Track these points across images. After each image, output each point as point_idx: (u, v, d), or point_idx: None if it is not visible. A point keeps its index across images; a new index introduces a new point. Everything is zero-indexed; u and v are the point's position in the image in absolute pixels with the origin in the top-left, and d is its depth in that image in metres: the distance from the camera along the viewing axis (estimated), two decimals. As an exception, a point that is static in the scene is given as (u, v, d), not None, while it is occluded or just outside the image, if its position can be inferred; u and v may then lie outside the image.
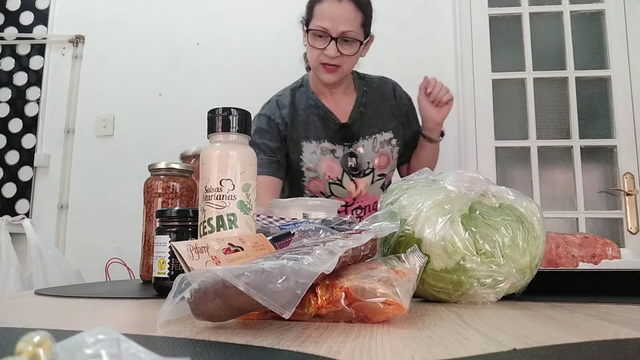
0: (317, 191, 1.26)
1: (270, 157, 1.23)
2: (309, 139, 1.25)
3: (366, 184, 1.27)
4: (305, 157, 1.25)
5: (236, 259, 0.45)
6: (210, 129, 0.55)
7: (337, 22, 1.16)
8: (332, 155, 1.25)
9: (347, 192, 1.26)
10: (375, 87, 1.36)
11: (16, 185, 2.25)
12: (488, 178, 0.58)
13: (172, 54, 2.26)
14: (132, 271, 1.73)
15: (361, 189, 1.26)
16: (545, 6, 2.18)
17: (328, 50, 1.17)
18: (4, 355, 0.24)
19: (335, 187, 1.25)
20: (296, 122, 1.26)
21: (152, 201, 0.80)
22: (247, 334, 0.32)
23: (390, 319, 0.38)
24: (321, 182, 1.25)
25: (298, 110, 1.28)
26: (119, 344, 0.17)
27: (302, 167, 1.25)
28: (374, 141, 1.28)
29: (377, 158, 1.28)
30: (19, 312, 0.45)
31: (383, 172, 1.29)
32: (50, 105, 2.30)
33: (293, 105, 1.29)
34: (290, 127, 1.26)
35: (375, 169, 1.28)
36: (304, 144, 1.25)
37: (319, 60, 1.20)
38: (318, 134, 1.26)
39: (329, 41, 1.17)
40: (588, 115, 2.10)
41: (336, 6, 1.16)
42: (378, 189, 1.30)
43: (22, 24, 2.37)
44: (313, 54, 1.21)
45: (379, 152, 1.28)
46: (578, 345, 0.29)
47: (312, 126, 1.26)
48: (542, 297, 0.56)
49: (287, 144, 1.26)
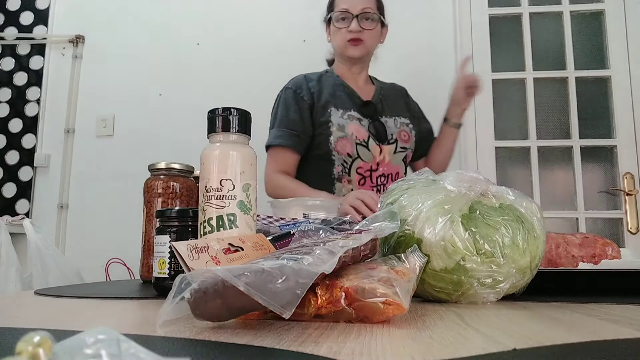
0: (345, 152, 1.33)
1: (290, 130, 1.34)
2: (337, 107, 1.37)
3: (390, 151, 1.38)
4: (333, 119, 1.35)
5: (236, 259, 0.45)
6: (210, 128, 0.55)
7: (356, 3, 1.36)
8: (358, 122, 1.37)
9: (371, 155, 1.35)
10: (390, 86, 1.53)
11: (16, 185, 2.25)
12: (488, 178, 0.58)
13: (172, 54, 2.26)
14: (132, 271, 1.73)
15: (384, 155, 1.36)
16: (545, 6, 2.18)
17: (352, 26, 1.35)
18: (4, 355, 0.24)
19: (361, 149, 1.34)
20: (323, 94, 1.39)
21: (152, 201, 0.80)
22: (247, 334, 0.32)
23: (390, 319, 0.38)
24: (349, 141, 1.33)
25: (325, 85, 1.41)
26: (119, 344, 0.17)
27: (331, 127, 1.34)
28: (394, 120, 1.42)
29: (399, 132, 1.41)
30: (19, 312, 0.45)
31: (405, 145, 1.41)
32: (50, 105, 2.30)
33: (320, 82, 1.42)
34: (317, 97, 1.38)
35: (398, 140, 1.40)
36: (332, 109, 1.36)
37: (345, 38, 1.37)
38: (345, 104, 1.38)
39: (351, 19, 1.36)
40: (588, 115, 2.10)
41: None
42: (400, 161, 1.41)
43: (22, 24, 2.37)
44: (339, 35, 1.39)
45: (400, 129, 1.42)
46: (578, 345, 0.29)
47: (339, 99, 1.38)
48: (542, 297, 0.56)
49: (315, 111, 1.36)
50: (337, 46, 1.42)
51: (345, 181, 1.34)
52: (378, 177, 1.36)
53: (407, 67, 2.13)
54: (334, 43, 1.43)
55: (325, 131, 1.34)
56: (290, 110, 1.35)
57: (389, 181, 1.36)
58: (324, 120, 1.34)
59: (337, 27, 1.38)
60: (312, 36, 2.19)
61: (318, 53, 2.15)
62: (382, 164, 1.36)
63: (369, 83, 1.48)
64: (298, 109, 1.35)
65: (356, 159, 1.33)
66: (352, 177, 1.34)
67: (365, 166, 1.34)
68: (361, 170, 1.34)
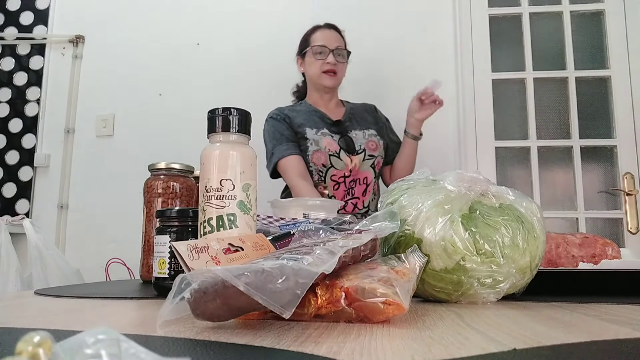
0: (320, 163, 1.54)
1: (290, 142, 1.55)
2: (311, 127, 1.58)
3: (359, 159, 1.57)
4: (309, 135, 1.56)
5: (236, 259, 0.45)
6: (210, 128, 0.55)
7: (331, 41, 1.61)
8: (330, 137, 1.58)
9: (344, 164, 1.55)
10: (360, 106, 1.74)
11: (16, 185, 2.25)
12: (488, 178, 0.58)
13: (172, 54, 2.26)
14: (132, 271, 1.73)
15: (355, 163, 1.55)
16: (545, 6, 2.18)
17: (329, 58, 1.58)
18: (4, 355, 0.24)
19: (334, 159, 1.55)
20: (298, 117, 1.60)
21: (152, 201, 0.80)
22: (247, 334, 0.32)
23: (390, 319, 0.38)
24: (323, 154, 1.54)
25: (299, 112, 1.62)
26: (119, 344, 0.17)
27: (307, 142, 1.55)
28: (363, 132, 1.63)
29: (367, 142, 1.61)
30: (19, 312, 0.45)
31: (372, 153, 1.60)
32: (50, 105, 2.30)
33: (294, 109, 1.65)
34: (292, 120, 1.59)
35: (365, 149, 1.60)
36: (307, 129, 1.57)
37: (322, 69, 1.59)
38: (317, 124, 1.59)
39: (327, 54, 1.59)
40: (588, 115, 2.10)
41: (328, 32, 1.64)
42: (369, 167, 1.60)
43: (22, 24, 2.37)
44: (315, 66, 1.60)
45: (367, 139, 1.62)
46: (578, 345, 0.29)
47: (312, 121, 1.60)
48: (542, 297, 0.56)
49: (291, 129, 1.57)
50: (313, 76, 1.62)
51: (321, 187, 1.53)
52: (350, 182, 1.56)
53: (406, 67, 2.13)
54: (311, 73, 1.63)
55: (303, 146, 1.55)
56: (281, 129, 1.56)
57: (357, 185, 1.58)
58: (301, 137, 1.56)
59: (314, 59, 1.59)
60: (312, 36, 2.19)
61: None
62: (354, 171, 1.56)
63: (339, 106, 1.70)
64: (284, 127, 1.57)
65: (330, 168, 1.54)
66: (327, 184, 1.55)
67: (338, 173, 1.55)
68: (335, 177, 1.55)
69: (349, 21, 2.18)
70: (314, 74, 1.61)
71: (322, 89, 1.63)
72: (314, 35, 1.63)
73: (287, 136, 1.55)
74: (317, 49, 1.59)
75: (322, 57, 1.58)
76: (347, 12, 2.19)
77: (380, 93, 2.09)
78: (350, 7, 2.20)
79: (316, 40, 1.61)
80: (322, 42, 1.59)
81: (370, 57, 2.13)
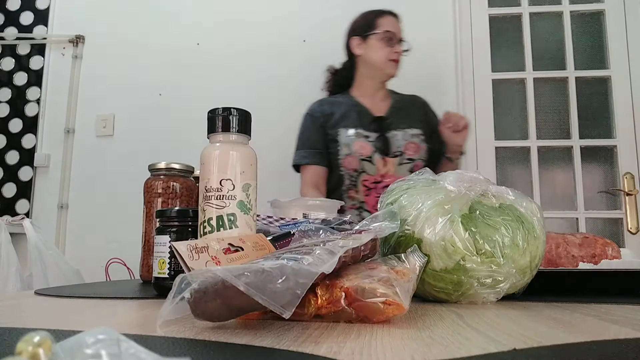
0: (351, 167, 1.47)
1: (313, 150, 1.51)
2: (346, 127, 1.50)
3: (394, 164, 1.48)
4: (341, 138, 1.49)
5: (236, 259, 0.45)
6: (210, 128, 0.55)
7: (397, 29, 1.55)
8: (365, 139, 1.48)
9: (376, 169, 1.47)
10: (407, 99, 1.63)
11: (16, 185, 2.25)
12: (488, 178, 0.58)
13: (172, 54, 2.26)
14: (132, 271, 1.73)
15: (389, 168, 1.47)
16: (545, 6, 2.18)
17: (399, 47, 1.53)
18: (4, 355, 0.24)
19: (365, 164, 1.47)
20: (335, 115, 1.52)
21: (152, 201, 0.80)
22: (247, 334, 0.32)
23: (390, 319, 0.38)
24: (354, 158, 1.46)
25: (339, 106, 1.54)
26: (119, 344, 0.17)
27: (339, 146, 1.48)
28: (404, 133, 1.52)
29: (407, 144, 1.50)
30: (19, 312, 0.45)
31: (412, 156, 1.50)
32: (50, 105, 2.30)
33: (336, 101, 1.57)
34: (327, 118, 1.52)
35: (404, 152, 1.49)
36: (340, 130, 1.50)
37: (389, 56, 1.51)
38: (355, 123, 1.50)
39: (395, 42, 1.52)
40: (588, 115, 2.10)
41: (394, 20, 1.57)
42: (406, 172, 1.48)
43: (22, 24, 2.37)
44: (383, 52, 1.52)
45: (408, 141, 1.51)
46: (578, 345, 0.29)
47: (350, 118, 1.51)
48: (542, 297, 0.56)
49: (326, 131, 1.51)
50: (378, 61, 1.52)
51: (353, 192, 1.48)
52: (382, 188, 1.45)
53: (406, 67, 2.13)
54: (375, 58, 1.53)
55: (333, 149, 1.49)
56: (309, 133, 1.53)
57: None
58: (332, 139, 1.49)
59: (382, 44, 1.51)
60: (312, 36, 2.19)
61: (318, 53, 2.16)
62: (387, 176, 1.47)
63: (386, 98, 1.58)
64: (315, 129, 1.52)
65: (362, 173, 1.46)
66: (359, 189, 1.47)
67: (370, 179, 1.47)
68: (367, 182, 1.47)
69: (349, 21, 2.18)
70: (380, 60, 1.52)
71: (382, 77, 1.55)
72: (381, 19, 1.55)
73: (313, 142, 1.51)
74: (388, 34, 1.51)
75: (391, 44, 1.51)
76: (347, 11, 2.19)
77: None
78: (351, 7, 2.20)
79: (384, 25, 1.53)
80: (390, 28, 1.53)
81: (370, 57, 2.13)
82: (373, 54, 1.53)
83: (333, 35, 2.18)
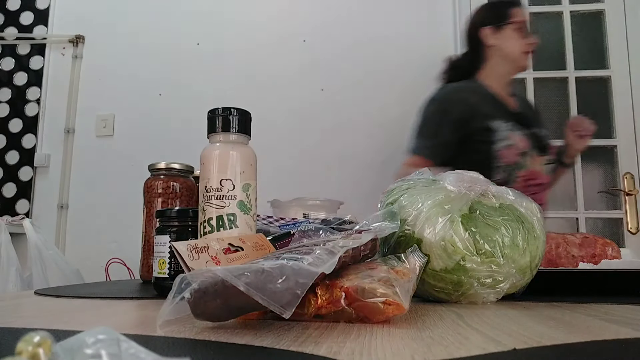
0: (509, 160, 1.37)
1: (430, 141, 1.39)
2: (495, 117, 1.39)
3: (541, 162, 1.44)
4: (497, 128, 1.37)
5: (236, 259, 0.45)
6: (210, 129, 0.55)
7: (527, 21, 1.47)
8: (520, 132, 1.40)
9: (527, 165, 1.39)
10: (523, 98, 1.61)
11: (16, 185, 2.25)
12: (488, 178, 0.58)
13: (172, 54, 2.26)
14: (132, 271, 1.73)
15: (537, 165, 1.42)
16: (545, 6, 2.18)
17: (534, 39, 1.46)
18: (4, 355, 0.24)
19: (523, 158, 1.38)
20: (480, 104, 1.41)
21: (152, 201, 0.80)
22: (247, 334, 0.32)
23: (390, 319, 0.38)
24: (513, 151, 1.37)
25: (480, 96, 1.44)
26: (119, 344, 0.17)
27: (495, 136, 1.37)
28: (547, 132, 1.49)
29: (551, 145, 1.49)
30: (19, 312, 0.45)
31: (552, 157, 1.49)
32: (50, 105, 2.30)
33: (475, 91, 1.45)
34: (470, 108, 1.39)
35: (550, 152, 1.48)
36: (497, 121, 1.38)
37: (524, 48, 1.45)
38: (500, 114, 1.41)
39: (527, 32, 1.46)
40: (588, 115, 2.09)
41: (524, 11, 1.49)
42: (549, 172, 1.50)
43: (22, 24, 2.36)
44: (519, 43, 1.44)
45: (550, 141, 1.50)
46: (578, 345, 0.29)
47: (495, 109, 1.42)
48: (542, 297, 0.56)
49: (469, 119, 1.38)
50: (513, 52, 1.45)
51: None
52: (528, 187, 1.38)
53: (406, 67, 2.13)
54: (511, 49, 1.45)
55: (486, 138, 1.37)
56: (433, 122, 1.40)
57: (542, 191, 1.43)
58: (483, 127, 1.37)
59: (518, 34, 1.44)
60: (312, 36, 2.19)
61: (318, 53, 2.16)
62: (533, 173, 1.40)
63: (510, 94, 1.52)
64: (441, 122, 1.39)
65: (519, 168, 1.38)
66: (512, 185, 1.37)
67: (520, 174, 1.39)
68: (521, 179, 1.38)
69: (349, 20, 2.19)
70: (515, 51, 1.45)
71: (514, 69, 1.48)
72: (514, 9, 1.48)
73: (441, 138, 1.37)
74: (520, 25, 1.45)
75: (527, 35, 1.46)
76: (347, 11, 2.19)
77: (380, 93, 2.09)
78: (350, 6, 2.20)
79: (519, 16, 1.46)
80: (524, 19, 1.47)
81: (370, 57, 2.13)
82: (510, 44, 1.46)
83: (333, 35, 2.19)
